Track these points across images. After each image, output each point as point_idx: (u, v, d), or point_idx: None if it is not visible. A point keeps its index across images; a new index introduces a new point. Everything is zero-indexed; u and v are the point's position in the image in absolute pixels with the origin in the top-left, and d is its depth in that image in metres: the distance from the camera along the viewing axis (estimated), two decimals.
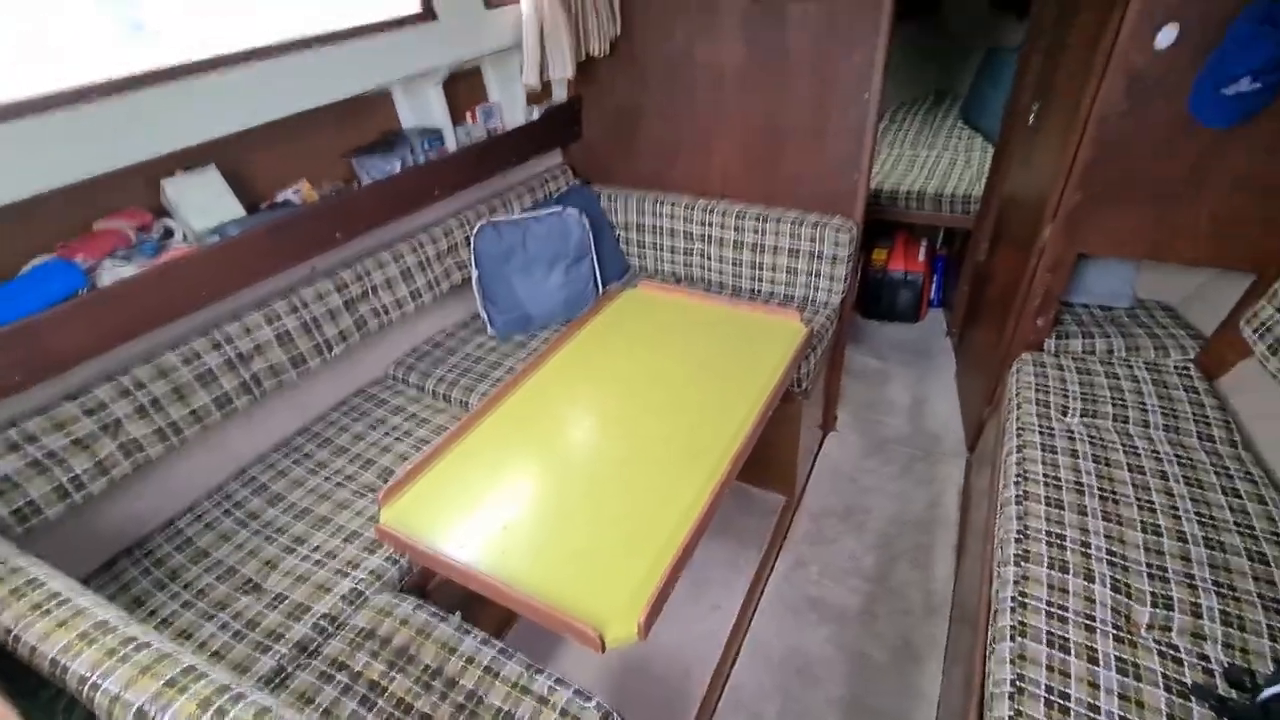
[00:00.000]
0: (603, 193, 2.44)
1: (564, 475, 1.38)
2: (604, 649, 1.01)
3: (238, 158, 1.59)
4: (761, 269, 2.22)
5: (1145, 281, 2.12)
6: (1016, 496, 1.50)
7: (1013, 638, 1.21)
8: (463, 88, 2.08)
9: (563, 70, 2.00)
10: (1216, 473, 1.49)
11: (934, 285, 3.21)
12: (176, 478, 1.59)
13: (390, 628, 1.28)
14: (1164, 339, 1.92)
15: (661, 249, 2.41)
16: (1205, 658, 1.15)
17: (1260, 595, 1.23)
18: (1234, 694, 1.07)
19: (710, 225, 2.25)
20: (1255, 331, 1.59)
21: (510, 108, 2.24)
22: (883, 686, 1.73)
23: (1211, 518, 1.39)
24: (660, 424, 1.48)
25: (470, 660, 1.21)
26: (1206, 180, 1.57)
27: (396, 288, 1.91)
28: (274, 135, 1.60)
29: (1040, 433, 1.66)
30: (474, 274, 2.11)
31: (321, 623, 1.30)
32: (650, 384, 1.61)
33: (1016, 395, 1.82)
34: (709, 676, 1.75)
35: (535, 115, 2.26)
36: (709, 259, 2.31)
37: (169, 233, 1.49)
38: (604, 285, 2.30)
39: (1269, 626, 1.18)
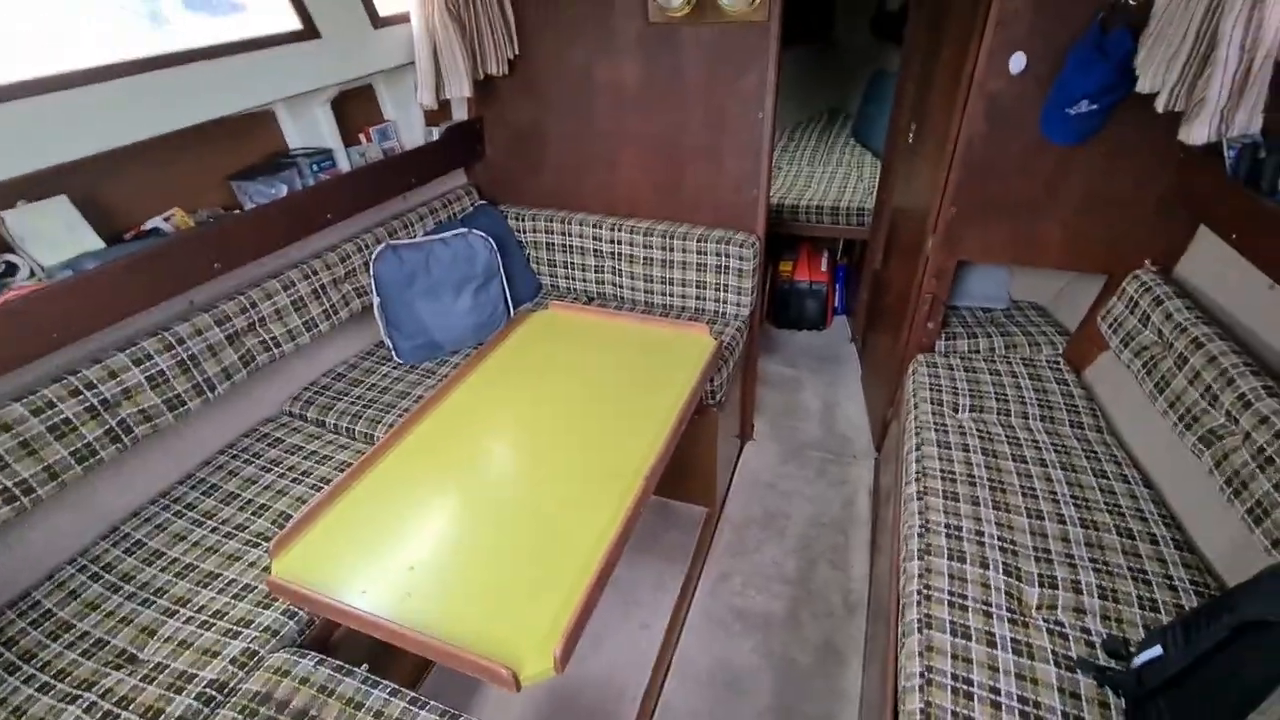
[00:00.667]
0: (510, 212, 2.41)
1: (475, 507, 1.32)
2: (518, 688, 0.97)
3: (95, 184, 1.45)
4: (671, 284, 2.25)
5: (1018, 285, 2.31)
6: (917, 493, 1.58)
7: (920, 630, 1.27)
8: (355, 107, 2.00)
9: (460, 89, 1.96)
10: (1087, 457, 1.64)
11: (837, 293, 3.37)
12: (30, 543, 1.41)
13: (288, 689, 1.18)
14: (1036, 336, 2.10)
15: (573, 267, 2.40)
16: (1087, 630, 1.24)
17: (1129, 568, 1.35)
18: (1113, 663, 1.16)
19: (619, 243, 2.26)
20: (1109, 327, 1.77)
21: (408, 127, 2.17)
22: (809, 690, 1.76)
23: (1085, 499, 1.52)
24: (573, 446, 1.45)
25: (379, 715, 1.13)
26: (1059, 194, 1.74)
27: (288, 318, 1.79)
28: (139, 159, 1.47)
29: (936, 430, 1.76)
30: (375, 300, 2.01)
31: (209, 691, 1.18)
32: (563, 406, 1.58)
33: (913, 395, 1.93)
34: (639, 701, 1.73)
35: (435, 135, 2.20)
36: (620, 276, 2.32)
37: (11, 269, 1.33)
38: (515, 307, 2.26)
39: (1138, 596, 1.29)
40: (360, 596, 1.11)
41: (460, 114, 2.31)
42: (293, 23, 1.73)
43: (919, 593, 1.34)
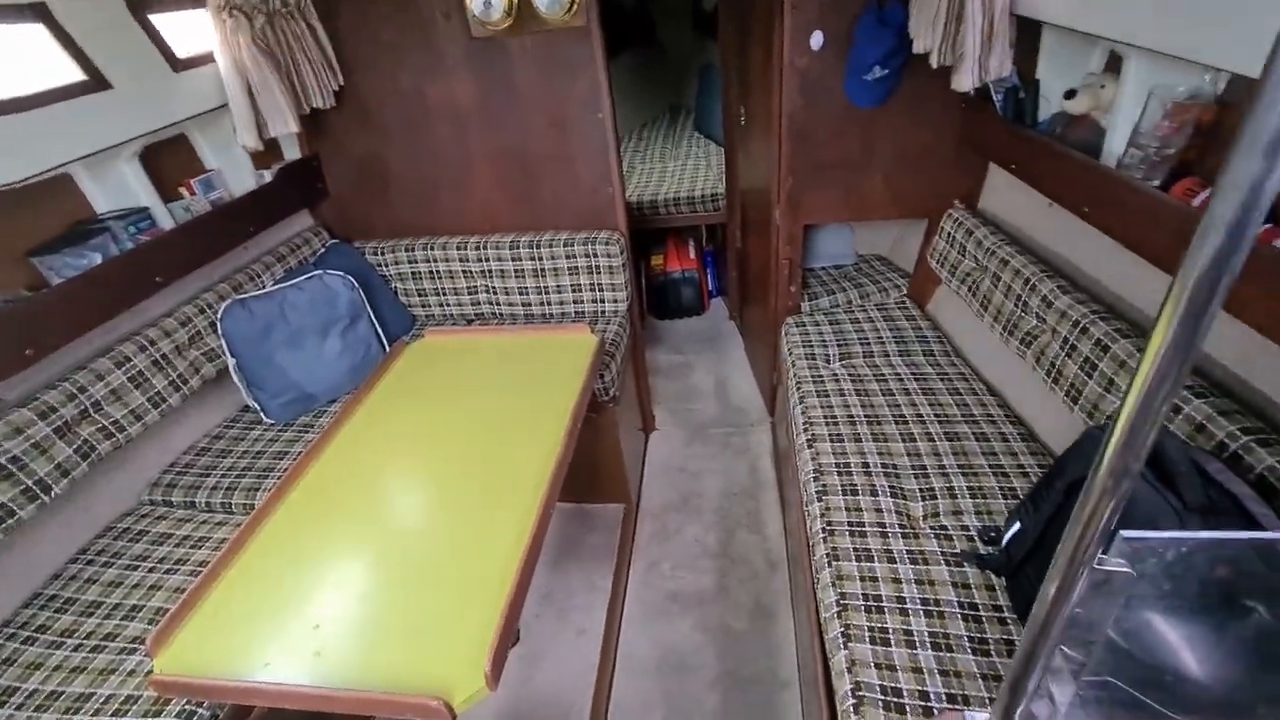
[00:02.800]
0: (366, 248, 2.31)
1: (377, 549, 1.26)
2: (454, 716, 0.94)
3: None
4: (547, 293, 2.26)
5: (861, 240, 2.54)
6: (807, 440, 1.70)
7: (829, 563, 1.36)
8: (170, 159, 1.84)
9: (284, 126, 1.86)
10: (941, 379, 1.83)
11: (709, 277, 3.53)
12: None
13: None
14: (884, 283, 2.31)
15: (445, 294, 2.34)
16: (966, 528, 1.40)
17: (990, 466, 1.53)
18: (989, 549, 1.31)
19: (487, 260, 2.24)
20: (938, 263, 1.99)
21: (234, 174, 2.03)
22: (749, 651, 1.83)
23: (946, 416, 1.70)
24: (471, 468, 1.43)
25: None
26: (874, 152, 1.94)
27: (129, 397, 1.61)
28: None
29: (814, 383, 1.90)
30: (230, 361, 1.86)
31: None
32: (453, 430, 1.55)
33: (789, 356, 2.06)
34: (589, 707, 1.72)
35: (267, 178, 2.07)
36: (495, 294, 2.30)
37: None
38: (390, 343, 2.17)
39: (1000, 488, 1.47)
40: (264, 670, 1.03)
41: (292, 152, 2.19)
42: (74, 74, 1.56)
43: (823, 530, 1.44)
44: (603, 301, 2.25)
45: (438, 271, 2.30)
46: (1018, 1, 1.35)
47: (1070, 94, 1.45)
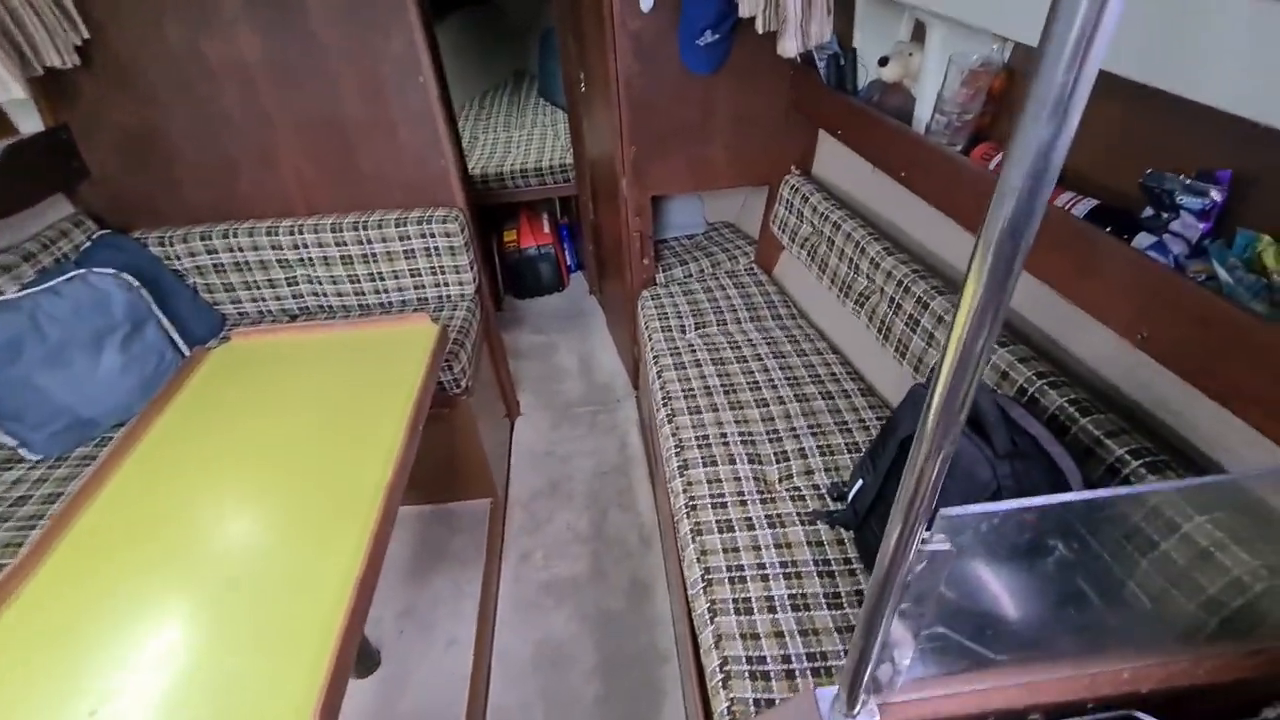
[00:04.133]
0: (150, 238, 1.95)
1: (179, 600, 1.06)
2: None
3: None
4: (382, 279, 2.05)
5: (710, 209, 2.56)
6: (667, 416, 1.68)
7: (694, 539, 1.36)
8: None
9: (4, 92, 1.48)
10: (790, 342, 1.89)
11: (567, 252, 3.42)
12: None
13: None
14: (734, 251, 2.35)
15: (259, 287, 2.04)
16: (817, 487, 1.45)
17: (835, 424, 1.60)
18: (838, 505, 1.37)
19: (306, 246, 1.97)
20: (779, 229, 2.04)
21: None
22: (628, 631, 1.82)
23: (795, 378, 1.76)
24: (296, 488, 1.24)
25: None
26: (713, 119, 1.93)
27: None
28: None
29: (671, 355, 1.88)
30: None
31: None
32: (273, 446, 1.34)
33: (646, 329, 2.04)
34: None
35: None
36: (319, 284, 2.04)
37: None
38: (190, 349, 1.86)
39: (845, 444, 1.54)
40: None
41: (29, 124, 1.76)
42: None
43: (686, 506, 1.43)
44: (446, 285, 2.08)
45: (246, 262, 1.99)
46: None
47: (883, 61, 1.50)
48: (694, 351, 1.89)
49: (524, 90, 4.00)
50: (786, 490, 1.46)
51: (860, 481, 1.18)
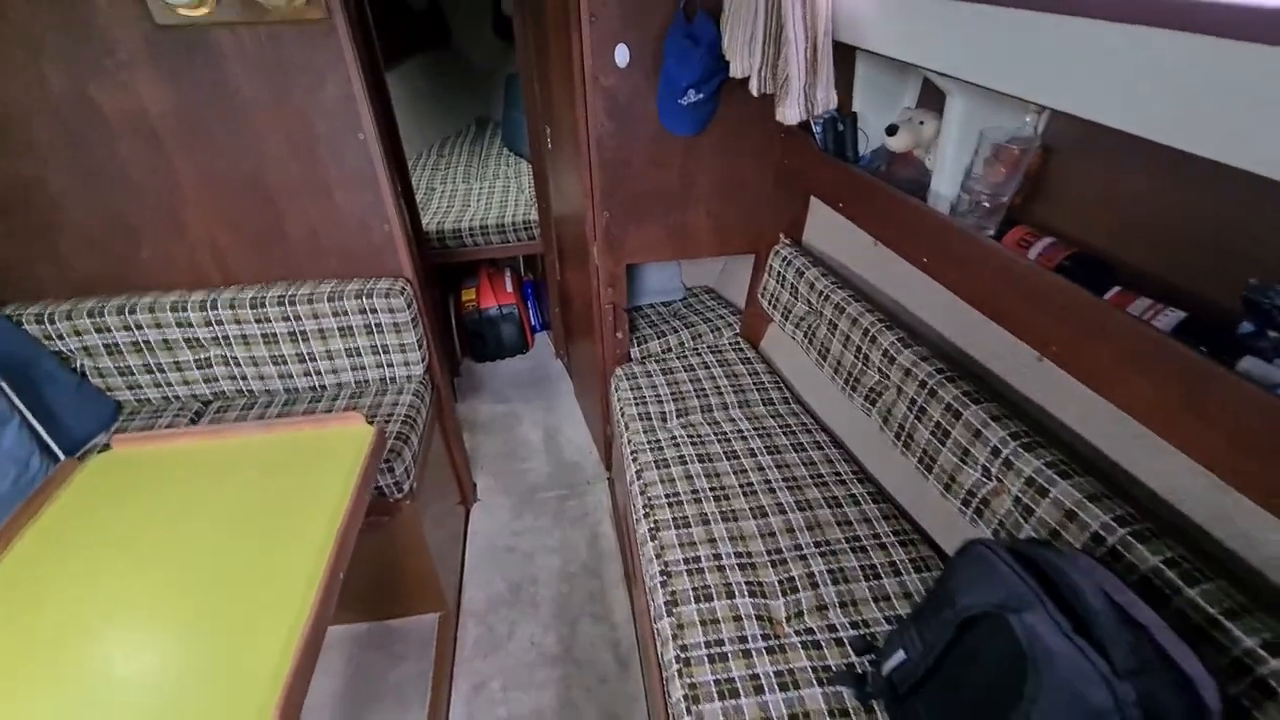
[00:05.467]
0: (25, 314, 1.63)
1: None
2: None
3: None
4: (314, 359, 1.76)
5: (688, 273, 2.35)
6: (650, 531, 1.42)
7: (689, 708, 1.09)
8: None
9: None
10: (785, 433, 1.67)
11: (531, 311, 3.17)
12: None
13: None
14: (715, 321, 2.14)
15: (163, 370, 1.73)
16: (833, 628, 1.20)
17: (847, 540, 1.37)
18: (866, 663, 1.12)
19: (222, 323, 1.68)
20: (769, 303, 1.84)
21: None
22: None
23: (794, 478, 1.52)
24: (189, 636, 0.94)
25: None
26: (695, 184, 1.73)
27: None
28: None
29: (651, 449, 1.64)
30: None
31: None
32: (163, 584, 1.03)
33: (622, 416, 1.79)
34: None
35: None
36: (238, 366, 1.74)
37: None
38: (71, 452, 1.53)
39: (861, 568, 1.31)
40: None
41: None
42: None
43: (678, 660, 1.16)
44: (390, 366, 1.80)
45: (148, 342, 1.68)
46: (838, 27, 1.19)
47: (892, 130, 1.33)
48: (677, 445, 1.65)
49: (486, 138, 3.80)
50: (796, 633, 1.20)
51: (901, 654, 0.94)
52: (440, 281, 2.88)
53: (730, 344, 2.07)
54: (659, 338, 2.07)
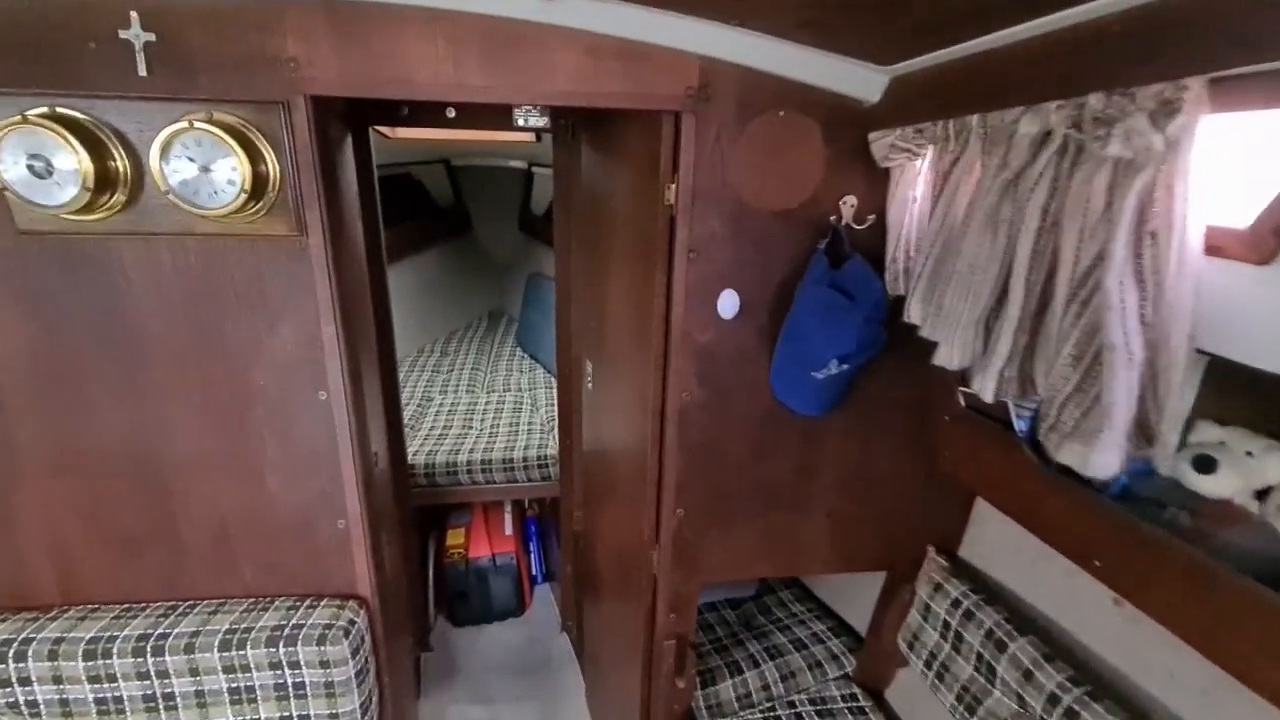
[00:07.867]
0: None
1: None
2: None
3: None
4: None
5: None
6: None
7: None
8: None
9: None
10: None
11: (533, 558, 2.49)
12: None
13: None
14: (813, 647, 1.46)
15: None
16: None
17: None
18: None
19: (55, 657, 1.01)
20: (908, 645, 1.20)
21: None
22: None
23: None
24: None
25: None
26: (816, 477, 1.18)
27: None
28: None
29: None
30: None
31: None
32: None
33: None
34: None
35: None
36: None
37: None
38: None
39: None
40: None
41: None
42: None
43: None
44: None
45: None
46: (1200, 334, 0.66)
47: (1205, 465, 0.79)
48: None
49: (499, 334, 3.39)
50: None
51: None
52: (420, 522, 2.23)
53: (839, 689, 1.38)
54: (732, 673, 1.39)
